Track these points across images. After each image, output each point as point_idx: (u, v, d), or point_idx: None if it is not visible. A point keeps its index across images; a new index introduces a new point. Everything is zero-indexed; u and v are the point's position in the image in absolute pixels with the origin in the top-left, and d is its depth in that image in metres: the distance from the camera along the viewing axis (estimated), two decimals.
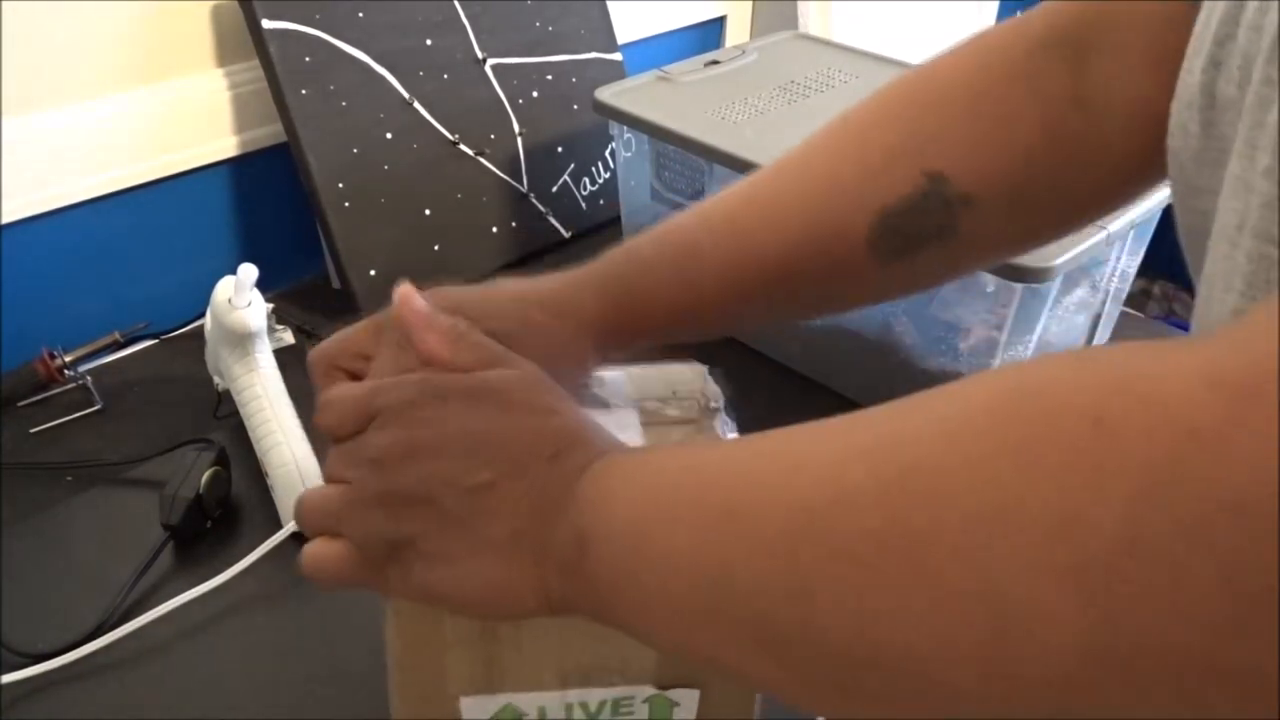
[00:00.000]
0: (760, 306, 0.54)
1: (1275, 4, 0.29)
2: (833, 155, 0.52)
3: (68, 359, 0.83)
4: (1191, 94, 0.35)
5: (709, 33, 1.38)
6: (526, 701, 0.45)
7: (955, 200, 0.49)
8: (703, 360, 0.57)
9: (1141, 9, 0.46)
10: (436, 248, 0.98)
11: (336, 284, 0.98)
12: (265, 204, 1.02)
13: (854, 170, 0.51)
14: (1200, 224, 0.34)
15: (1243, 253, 0.29)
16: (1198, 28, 0.36)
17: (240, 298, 0.77)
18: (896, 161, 0.50)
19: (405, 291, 0.43)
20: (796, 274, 0.51)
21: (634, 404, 0.52)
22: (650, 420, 0.51)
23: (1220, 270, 0.31)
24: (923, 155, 0.49)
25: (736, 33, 1.40)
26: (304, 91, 0.90)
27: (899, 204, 0.49)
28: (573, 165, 1.09)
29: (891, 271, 0.51)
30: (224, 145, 0.95)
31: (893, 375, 0.84)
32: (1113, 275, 0.91)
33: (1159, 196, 0.78)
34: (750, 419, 0.84)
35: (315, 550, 0.40)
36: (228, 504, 0.74)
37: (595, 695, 0.45)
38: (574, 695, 0.45)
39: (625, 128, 0.93)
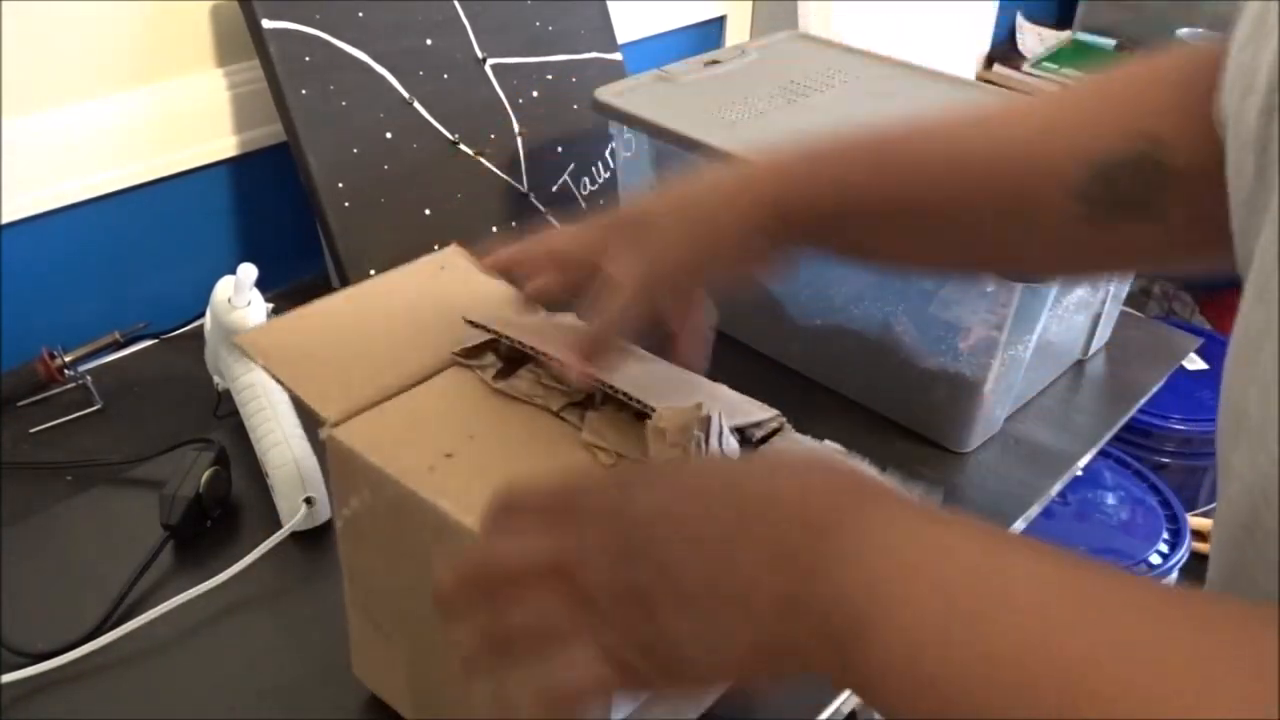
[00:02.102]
0: (954, 225, 0.51)
1: None
2: (1048, 102, 0.51)
3: (68, 359, 0.83)
4: (1248, 136, 0.33)
5: (709, 33, 1.38)
6: None
7: (1169, 170, 0.46)
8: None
9: None
10: (436, 248, 0.98)
11: (336, 284, 0.98)
12: (265, 204, 1.02)
13: (1070, 116, 0.50)
14: (1248, 266, 0.34)
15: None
16: (1239, 62, 0.35)
17: (240, 297, 0.77)
18: (1112, 117, 0.48)
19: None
20: (993, 189, 0.49)
21: None
22: None
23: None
24: (1139, 117, 0.47)
25: (736, 33, 1.40)
26: (304, 91, 0.90)
27: (1112, 157, 0.47)
28: (573, 165, 1.09)
29: (1098, 234, 0.48)
30: (224, 145, 0.95)
31: (893, 375, 0.84)
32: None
33: None
34: None
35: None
36: (228, 504, 0.74)
37: None
38: None
39: (625, 128, 0.93)
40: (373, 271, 0.94)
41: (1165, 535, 1.39)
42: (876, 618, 0.31)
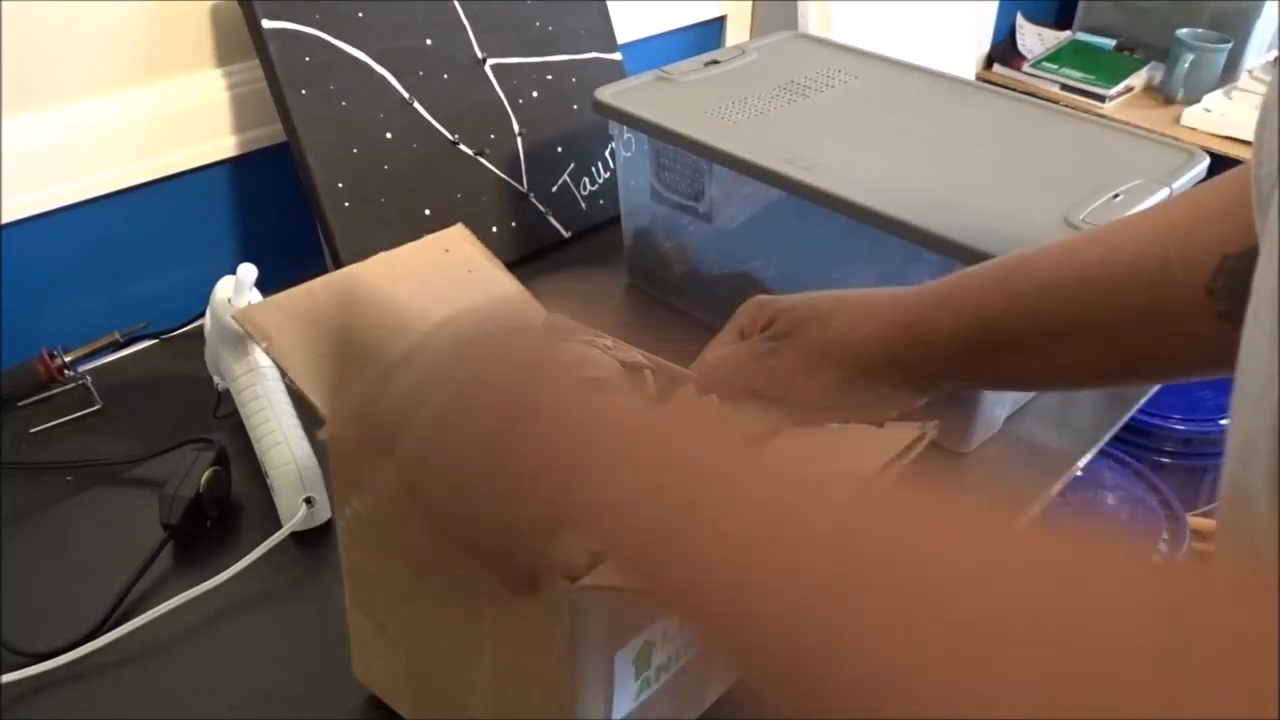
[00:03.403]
0: (1085, 338, 0.50)
1: None
2: (1166, 205, 0.51)
3: (68, 359, 0.83)
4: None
5: (709, 33, 1.38)
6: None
7: None
8: (685, 354, 0.57)
9: None
10: None
11: None
12: (265, 204, 1.02)
13: (1187, 214, 0.48)
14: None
15: None
16: None
17: (240, 298, 0.77)
18: (1236, 210, 0.45)
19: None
20: (1122, 303, 0.48)
21: None
22: None
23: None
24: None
25: (736, 33, 1.40)
26: (304, 91, 0.90)
27: (1236, 248, 0.45)
28: (573, 165, 1.09)
29: (1227, 330, 0.45)
30: (223, 145, 0.95)
31: None
32: None
33: (1158, 195, 0.78)
34: None
35: None
36: (227, 504, 0.74)
37: None
38: None
39: (625, 128, 0.93)
40: None
41: (1165, 535, 1.39)
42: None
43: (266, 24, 0.88)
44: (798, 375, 0.52)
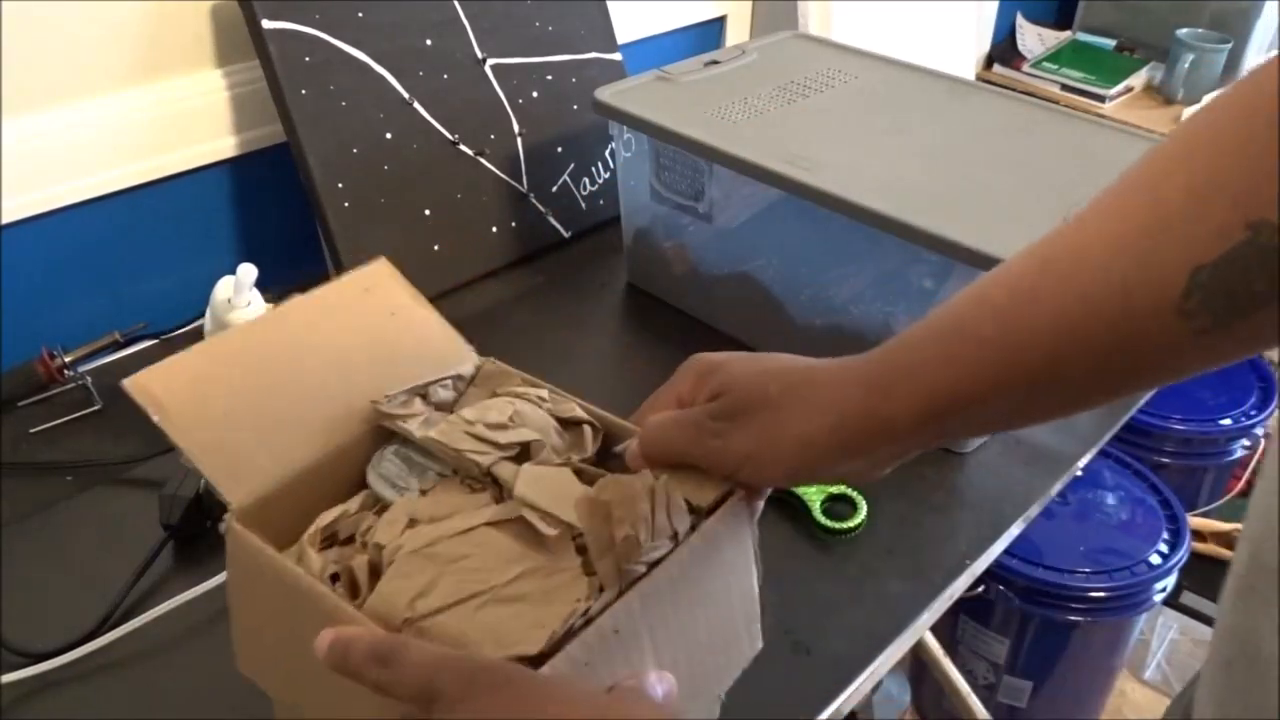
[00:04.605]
0: (1044, 385, 0.46)
1: None
2: (1122, 201, 0.44)
3: (68, 359, 0.83)
4: None
5: (709, 33, 1.38)
6: None
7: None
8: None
9: None
10: (436, 248, 0.98)
11: None
12: (265, 204, 1.02)
13: (1146, 223, 0.43)
14: None
15: None
16: None
17: (240, 298, 0.78)
18: (1209, 206, 0.40)
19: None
20: (1088, 345, 0.44)
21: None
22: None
23: None
24: (1227, 203, 0.39)
25: (736, 33, 1.40)
26: (304, 91, 0.90)
27: (1205, 261, 0.40)
28: (572, 165, 1.09)
29: (1212, 340, 0.41)
30: (223, 145, 0.95)
31: None
32: None
33: None
34: None
35: None
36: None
37: None
38: None
39: (625, 128, 0.93)
40: None
41: (1165, 535, 1.39)
42: None
43: (266, 24, 0.88)
44: (746, 462, 0.49)
